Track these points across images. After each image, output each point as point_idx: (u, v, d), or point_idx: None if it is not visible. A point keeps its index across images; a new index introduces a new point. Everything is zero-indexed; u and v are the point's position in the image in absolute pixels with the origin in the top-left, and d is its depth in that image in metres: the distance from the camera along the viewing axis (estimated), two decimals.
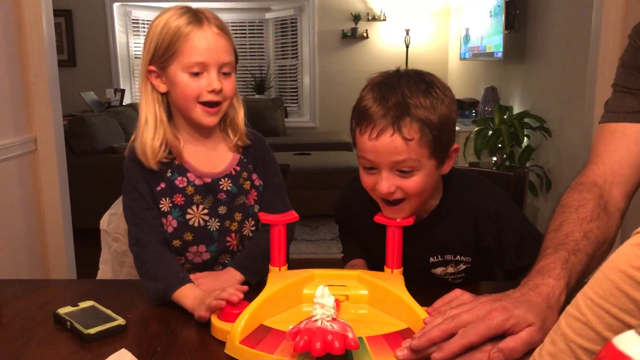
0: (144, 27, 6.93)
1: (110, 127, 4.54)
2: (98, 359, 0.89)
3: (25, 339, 0.98)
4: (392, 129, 0.99)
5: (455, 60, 6.04)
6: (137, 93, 7.01)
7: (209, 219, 1.25)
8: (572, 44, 3.37)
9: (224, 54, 1.17)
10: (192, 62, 1.15)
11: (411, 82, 1.03)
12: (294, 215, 1.12)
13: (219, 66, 1.16)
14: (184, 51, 1.14)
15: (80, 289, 1.23)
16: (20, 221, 2.59)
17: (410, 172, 1.03)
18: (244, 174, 1.27)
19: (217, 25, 1.17)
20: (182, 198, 1.22)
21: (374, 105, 1.02)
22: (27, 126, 2.63)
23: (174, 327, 1.02)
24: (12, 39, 2.51)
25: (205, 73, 1.16)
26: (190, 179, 1.22)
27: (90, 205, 2.97)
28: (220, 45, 1.16)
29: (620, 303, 0.60)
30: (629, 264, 0.60)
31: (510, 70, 4.53)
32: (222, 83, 1.17)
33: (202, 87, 1.16)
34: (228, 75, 1.19)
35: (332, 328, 0.81)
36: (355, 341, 0.81)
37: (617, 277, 0.60)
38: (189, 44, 1.14)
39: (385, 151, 1.01)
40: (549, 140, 3.72)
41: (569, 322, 0.64)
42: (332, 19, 6.54)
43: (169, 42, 1.15)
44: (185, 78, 1.16)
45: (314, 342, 0.79)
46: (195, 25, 1.15)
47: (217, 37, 1.16)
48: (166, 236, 1.23)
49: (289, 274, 1.07)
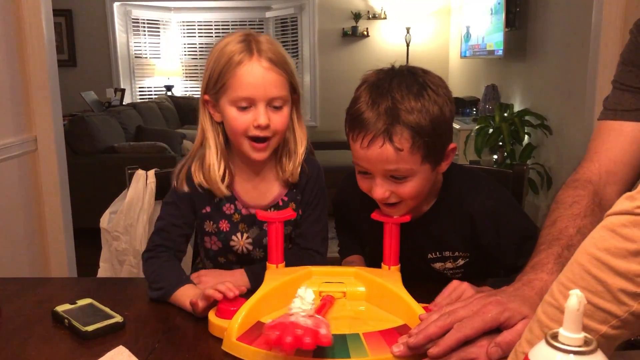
0: (144, 26, 6.94)
1: (111, 127, 4.54)
2: (96, 356, 0.89)
3: (24, 336, 0.98)
4: (382, 138, 0.99)
5: (456, 58, 6.03)
6: (137, 93, 7.02)
7: (252, 249, 1.25)
8: (573, 42, 3.36)
9: (273, 89, 1.13)
10: (238, 96, 1.12)
11: (403, 84, 1.01)
12: (291, 212, 1.12)
13: (267, 101, 1.13)
14: (231, 85, 1.12)
15: (78, 286, 1.23)
16: (20, 221, 2.59)
17: (404, 178, 1.03)
18: (292, 204, 1.25)
19: (268, 58, 1.12)
20: (228, 224, 1.23)
21: (365, 110, 1.00)
22: (27, 126, 2.63)
23: (171, 324, 1.02)
24: (11, 38, 2.51)
25: (252, 107, 1.13)
26: (237, 207, 1.22)
27: (90, 204, 2.97)
28: (269, 80, 1.12)
29: (589, 285, 0.60)
30: (596, 246, 0.61)
31: (510, 68, 4.52)
32: (270, 117, 1.13)
33: (248, 122, 1.13)
34: (279, 109, 1.15)
35: (305, 323, 0.81)
36: (328, 338, 0.80)
37: (585, 260, 0.62)
38: (236, 78, 1.11)
39: (377, 160, 1.01)
40: (549, 138, 3.72)
41: (544, 308, 0.65)
42: (332, 17, 6.53)
43: (220, 73, 1.13)
44: (233, 112, 1.14)
45: (284, 337, 0.79)
46: (246, 56, 1.12)
47: (266, 71, 1.12)
48: (210, 253, 1.27)
49: (287, 271, 1.07)
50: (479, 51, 4.95)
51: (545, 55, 3.85)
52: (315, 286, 1.04)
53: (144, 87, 7.10)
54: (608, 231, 0.61)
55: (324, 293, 1.03)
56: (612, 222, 0.61)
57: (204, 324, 0.99)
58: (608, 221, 0.62)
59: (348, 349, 0.86)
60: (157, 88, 7.10)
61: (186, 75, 7.26)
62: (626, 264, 0.59)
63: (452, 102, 1.06)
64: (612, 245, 0.60)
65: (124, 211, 1.50)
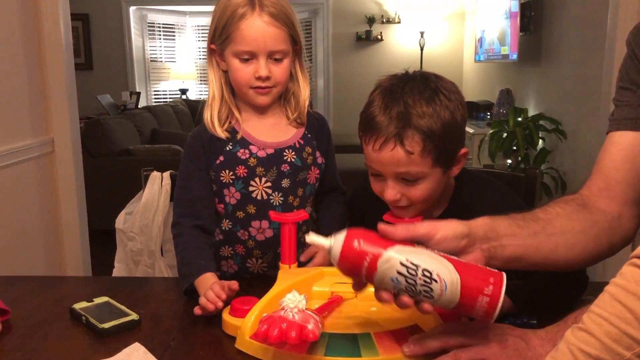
0: (160, 30, 7.01)
1: (126, 130, 4.59)
2: (112, 353, 0.91)
3: (42, 333, 1.00)
4: (394, 141, 1.01)
5: (470, 62, 6.02)
6: (152, 96, 7.08)
7: (272, 192, 1.24)
8: (588, 46, 3.35)
9: (273, 43, 1.17)
10: (240, 49, 1.17)
11: (415, 90, 1.03)
12: (304, 214, 1.14)
13: (267, 54, 1.18)
14: (234, 38, 1.17)
15: (95, 285, 1.25)
16: (37, 222, 2.63)
17: (415, 181, 1.04)
18: (308, 148, 1.27)
19: (269, 13, 1.16)
20: (245, 170, 1.23)
21: (378, 114, 1.03)
22: (44, 128, 2.67)
23: (186, 322, 1.04)
24: (30, 42, 2.56)
25: (254, 60, 1.18)
26: (252, 151, 1.24)
27: (105, 206, 3.01)
28: (269, 34, 1.16)
29: (617, 312, 0.63)
30: (626, 279, 0.64)
31: (525, 73, 4.51)
32: (271, 69, 1.19)
33: (250, 74, 1.19)
34: (279, 61, 1.20)
35: (292, 318, 0.83)
36: (314, 333, 0.82)
37: (615, 291, 0.64)
38: (239, 32, 1.16)
39: (388, 163, 1.03)
40: (564, 143, 3.70)
41: (573, 332, 0.67)
42: (346, 21, 6.55)
43: (224, 26, 1.18)
44: (236, 63, 1.19)
45: (271, 330, 0.81)
46: (248, 10, 1.16)
47: (267, 25, 1.16)
48: (229, 209, 1.26)
49: (299, 272, 1.09)
50: (493, 55, 4.94)
51: (559, 59, 3.84)
52: (327, 286, 1.05)
53: (159, 91, 7.17)
54: (635, 267, 0.64)
55: (335, 293, 1.04)
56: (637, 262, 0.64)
57: (218, 322, 1.00)
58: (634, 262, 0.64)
59: (359, 348, 0.88)
60: (172, 92, 7.16)
61: (201, 79, 7.31)
62: None
63: (464, 107, 1.07)
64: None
65: (140, 212, 1.52)
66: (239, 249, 1.28)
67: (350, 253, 0.81)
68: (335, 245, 0.81)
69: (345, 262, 0.81)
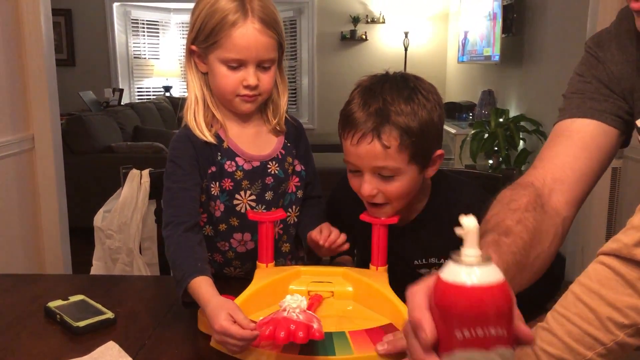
0: (143, 27, 6.96)
1: (108, 127, 4.55)
2: (86, 351, 0.91)
3: (16, 331, 1.00)
4: (371, 135, 1.03)
5: (453, 63, 6.06)
6: (136, 93, 7.03)
7: (255, 205, 1.22)
8: (568, 48, 3.39)
9: (264, 52, 1.14)
10: (230, 57, 1.13)
11: (394, 88, 1.05)
12: (282, 213, 1.14)
13: (257, 62, 1.15)
14: (223, 44, 1.12)
15: (71, 283, 1.25)
16: (16, 219, 2.60)
17: (391, 177, 1.06)
18: (289, 158, 1.25)
19: (260, 19, 1.12)
20: (231, 183, 1.21)
21: (357, 111, 1.05)
22: (24, 124, 2.65)
23: (162, 320, 1.04)
24: (10, 37, 2.53)
25: (242, 67, 1.14)
26: (239, 163, 1.21)
27: (87, 204, 2.98)
28: (261, 43, 1.13)
29: (580, 312, 0.64)
30: (589, 278, 0.65)
31: (507, 74, 4.55)
32: (259, 77, 1.16)
33: (237, 81, 1.15)
34: (267, 69, 1.17)
35: (297, 318, 0.84)
36: (320, 332, 0.83)
37: (578, 290, 0.65)
38: (229, 39, 1.12)
39: (365, 156, 1.04)
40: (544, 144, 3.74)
41: (537, 331, 0.68)
42: (331, 20, 6.56)
43: (212, 30, 1.13)
44: (223, 70, 1.15)
45: (278, 331, 0.82)
46: (240, 17, 1.11)
47: (258, 34, 1.12)
48: (212, 219, 1.22)
49: (276, 270, 1.10)
50: (476, 56, 4.98)
51: (541, 61, 3.88)
52: (304, 285, 1.06)
53: (142, 88, 7.12)
54: (600, 264, 0.65)
55: (312, 292, 1.05)
56: (602, 260, 0.65)
57: (193, 320, 1.01)
58: (600, 259, 0.65)
59: (334, 346, 0.88)
60: (155, 89, 7.11)
61: (184, 76, 7.26)
62: (616, 295, 0.62)
63: (442, 108, 1.09)
64: (604, 276, 0.64)
65: (118, 210, 1.52)
66: (217, 258, 1.24)
67: (497, 299, 0.56)
68: (487, 273, 0.57)
69: (479, 302, 0.56)
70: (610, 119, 0.93)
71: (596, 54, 0.98)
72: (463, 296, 0.55)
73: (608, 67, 0.96)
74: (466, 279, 0.55)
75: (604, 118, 0.93)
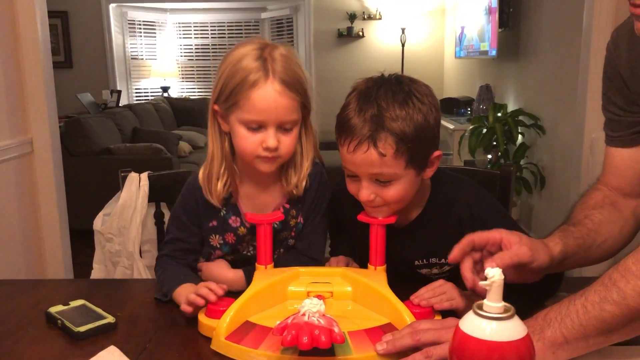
0: (140, 27, 6.96)
1: (107, 129, 4.56)
2: (88, 356, 0.91)
3: (17, 337, 1.00)
4: (367, 143, 1.02)
5: (451, 58, 6.06)
6: (134, 95, 7.02)
7: (253, 254, 1.23)
8: (565, 42, 3.39)
9: (284, 114, 1.11)
10: (249, 119, 1.10)
11: (389, 93, 1.05)
12: (279, 214, 1.14)
13: (277, 124, 1.11)
14: (243, 106, 1.09)
15: (72, 288, 1.25)
16: (17, 223, 2.61)
17: (389, 182, 1.06)
18: (293, 211, 1.24)
19: (281, 80, 1.09)
20: (234, 237, 1.23)
21: (353, 117, 1.04)
22: (23, 128, 2.65)
23: (162, 324, 1.04)
24: (6, 40, 2.53)
25: (262, 129, 1.11)
26: (243, 220, 1.22)
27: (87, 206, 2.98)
28: (282, 105, 1.09)
29: None
30: None
31: (504, 69, 4.55)
32: (279, 139, 1.12)
33: (257, 143, 1.11)
34: (289, 130, 1.13)
35: (319, 323, 0.84)
36: (341, 335, 0.84)
37: None
38: (249, 101, 1.09)
39: (362, 164, 1.04)
40: (542, 138, 3.75)
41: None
42: (327, 18, 6.55)
43: (232, 90, 1.10)
44: (242, 131, 1.12)
45: (301, 337, 0.82)
46: (261, 78, 1.08)
47: (278, 96, 1.09)
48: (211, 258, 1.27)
49: (275, 272, 1.10)
50: (473, 51, 4.98)
51: (537, 55, 3.88)
52: (303, 286, 1.06)
53: (140, 89, 7.12)
54: None
55: (312, 293, 1.05)
56: None
57: (194, 324, 1.01)
58: None
59: (333, 347, 0.89)
60: (153, 89, 7.12)
61: (182, 76, 7.27)
62: None
63: (437, 110, 1.08)
64: None
65: (117, 213, 1.52)
66: None
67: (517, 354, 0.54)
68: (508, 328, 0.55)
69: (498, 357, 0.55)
70: (627, 140, 1.08)
71: (614, 71, 1.07)
72: (483, 350, 0.54)
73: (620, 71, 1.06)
74: (488, 333, 0.54)
75: (624, 142, 1.08)
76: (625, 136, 1.08)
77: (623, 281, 0.77)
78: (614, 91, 1.08)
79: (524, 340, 0.54)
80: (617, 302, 0.76)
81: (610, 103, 1.09)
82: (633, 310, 0.76)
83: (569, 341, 0.78)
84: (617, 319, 0.77)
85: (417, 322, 0.91)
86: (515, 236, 0.93)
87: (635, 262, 0.77)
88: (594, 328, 0.78)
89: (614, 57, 1.06)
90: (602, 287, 0.79)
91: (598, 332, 0.78)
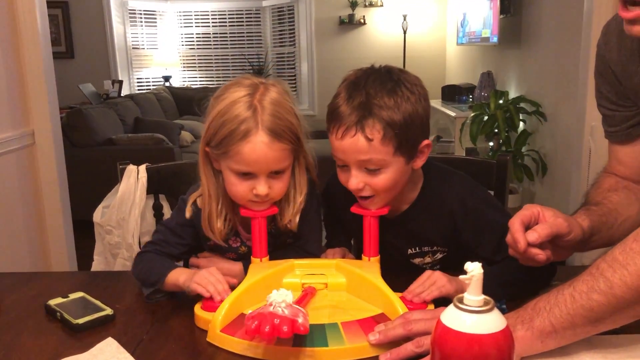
0: (141, 17, 6.94)
1: (109, 119, 4.57)
2: (86, 348, 0.93)
3: (17, 329, 1.02)
4: (354, 129, 1.04)
5: (453, 45, 6.02)
6: (135, 84, 7.02)
7: None
8: (566, 28, 3.37)
9: (275, 164, 1.10)
10: (239, 169, 1.10)
11: (377, 81, 1.06)
12: (274, 208, 1.16)
13: (267, 173, 1.10)
14: (233, 157, 1.08)
15: (72, 280, 1.27)
16: (19, 215, 2.63)
17: (377, 170, 1.07)
18: None
19: (269, 131, 1.07)
20: (234, 255, 1.25)
21: (342, 105, 1.06)
22: (24, 120, 2.66)
23: (159, 316, 1.06)
24: (6, 32, 2.53)
25: (253, 176, 1.10)
26: (243, 239, 1.23)
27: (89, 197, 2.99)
28: (271, 157, 1.08)
29: None
30: None
31: (505, 55, 4.53)
32: (270, 184, 1.11)
33: (247, 190, 1.10)
34: (281, 174, 1.12)
35: (282, 313, 0.85)
36: (305, 326, 0.84)
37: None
38: (238, 153, 1.07)
39: (350, 150, 1.05)
40: (544, 125, 3.74)
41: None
42: (329, 5, 6.53)
43: (222, 140, 1.08)
44: (233, 179, 1.11)
45: (263, 326, 0.83)
46: (251, 128, 1.06)
47: (267, 148, 1.07)
48: None
49: (270, 264, 1.11)
50: (475, 38, 4.95)
51: (539, 42, 3.86)
52: (298, 278, 1.08)
53: (142, 78, 7.12)
54: None
55: (306, 284, 1.07)
56: None
57: (190, 316, 1.02)
58: None
59: (327, 337, 0.90)
60: (155, 79, 7.11)
61: (184, 65, 7.26)
62: None
63: (427, 100, 1.10)
64: None
65: (116, 205, 1.54)
66: None
67: (496, 347, 0.56)
68: (488, 320, 0.57)
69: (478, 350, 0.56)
70: (624, 135, 1.10)
71: (606, 67, 1.08)
72: (463, 343, 0.55)
73: (612, 67, 1.06)
74: (467, 325, 0.55)
75: (621, 138, 1.11)
76: (622, 131, 1.09)
77: (610, 271, 0.78)
78: (606, 86, 1.09)
79: (503, 332, 0.56)
80: (604, 291, 0.77)
81: (604, 98, 1.10)
82: (620, 299, 0.77)
83: (557, 330, 0.80)
84: (604, 308, 0.78)
85: (409, 312, 0.93)
86: (549, 210, 0.97)
87: (622, 252, 0.78)
88: (582, 317, 0.79)
89: (605, 53, 1.06)
90: (589, 276, 0.80)
91: (586, 321, 0.79)
